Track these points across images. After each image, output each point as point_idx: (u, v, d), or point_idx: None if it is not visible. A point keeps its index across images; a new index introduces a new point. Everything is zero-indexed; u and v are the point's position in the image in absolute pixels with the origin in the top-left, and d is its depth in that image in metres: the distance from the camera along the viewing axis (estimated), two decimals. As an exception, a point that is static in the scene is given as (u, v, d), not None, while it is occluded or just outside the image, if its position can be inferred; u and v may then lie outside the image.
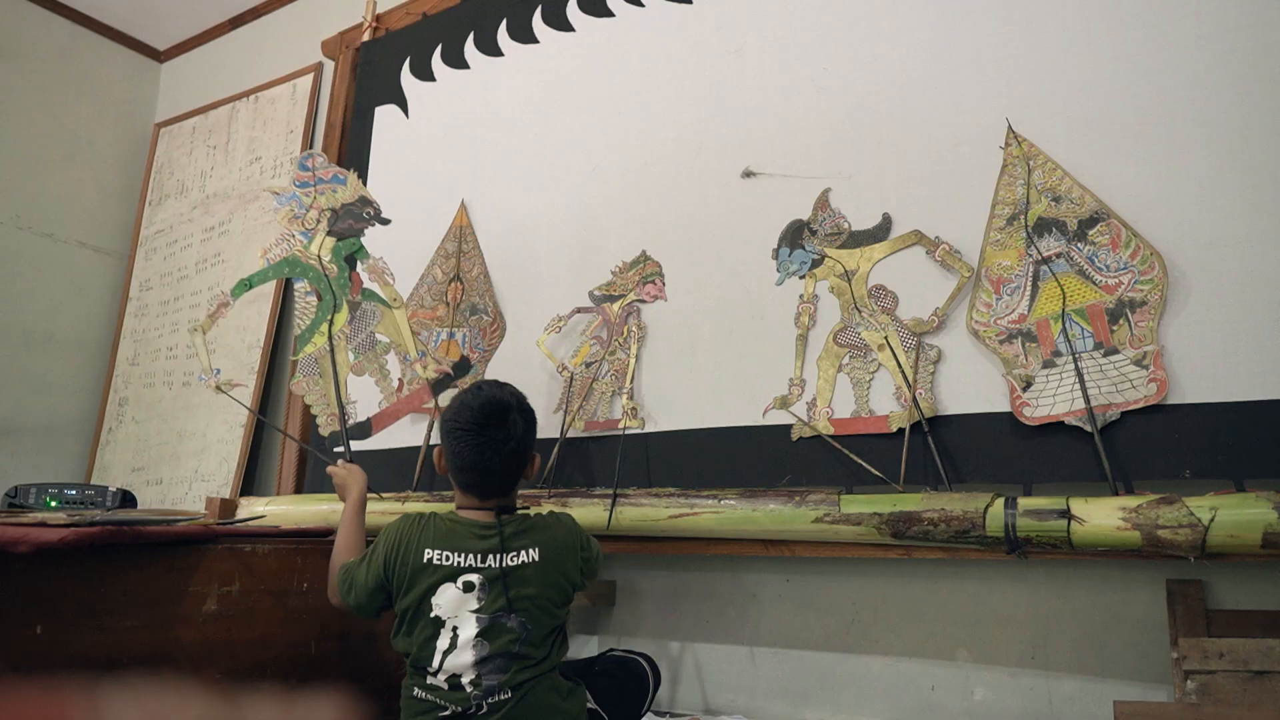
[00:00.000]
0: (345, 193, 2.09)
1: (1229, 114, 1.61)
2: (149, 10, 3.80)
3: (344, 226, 2.06)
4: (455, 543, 1.46)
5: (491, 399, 1.51)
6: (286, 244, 2.02)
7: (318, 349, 2.02)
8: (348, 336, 2.10)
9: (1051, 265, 1.71)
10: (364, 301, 2.16)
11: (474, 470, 1.49)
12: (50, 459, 3.51)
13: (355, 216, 2.07)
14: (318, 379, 2.02)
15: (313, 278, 2.03)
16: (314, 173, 2.08)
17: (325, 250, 2.03)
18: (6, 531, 1.18)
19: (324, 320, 2.02)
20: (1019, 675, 1.78)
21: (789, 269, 2.02)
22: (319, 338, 2.01)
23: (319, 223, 2.03)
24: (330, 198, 2.08)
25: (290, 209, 2.03)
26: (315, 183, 2.06)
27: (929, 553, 1.70)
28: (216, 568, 1.53)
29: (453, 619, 1.43)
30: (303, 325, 2.05)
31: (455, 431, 1.50)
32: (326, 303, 2.04)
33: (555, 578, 1.49)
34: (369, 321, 2.18)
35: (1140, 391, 1.58)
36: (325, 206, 2.04)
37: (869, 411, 1.85)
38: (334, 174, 2.11)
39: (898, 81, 1.97)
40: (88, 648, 1.35)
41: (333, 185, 2.10)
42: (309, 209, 2.04)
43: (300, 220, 2.03)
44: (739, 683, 2.07)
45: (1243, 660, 1.46)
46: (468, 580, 1.44)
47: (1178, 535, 1.42)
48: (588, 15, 2.52)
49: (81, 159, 3.75)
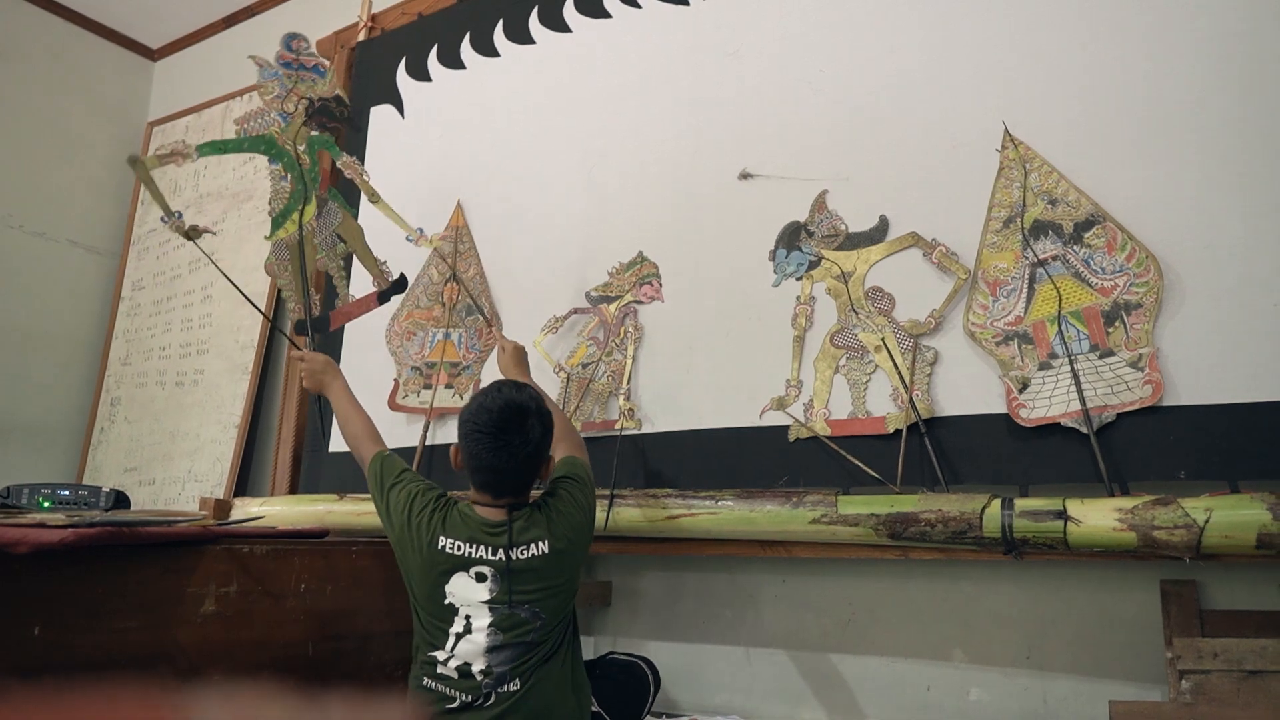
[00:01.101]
0: (323, 86, 2.07)
1: (1224, 118, 1.62)
2: (142, 9, 3.79)
3: (320, 123, 2.05)
4: (468, 534, 1.49)
5: (511, 402, 1.51)
6: (263, 120, 2.00)
7: (289, 235, 2.01)
8: (314, 231, 2.10)
9: (1048, 268, 1.72)
10: (330, 200, 2.16)
11: (490, 471, 1.51)
12: (41, 459, 3.49)
13: (329, 114, 2.05)
14: (288, 264, 2.02)
15: (287, 163, 2.02)
16: (298, 56, 2.05)
17: (300, 140, 2.01)
18: (6, 532, 1.18)
19: (295, 209, 2.01)
20: (1014, 675, 1.79)
21: (786, 270, 2.03)
22: (290, 225, 2.01)
23: (297, 108, 2.00)
24: (310, 87, 2.06)
25: (273, 87, 2.00)
26: (298, 67, 2.03)
27: (925, 553, 1.71)
28: (214, 569, 1.53)
29: (465, 607, 1.47)
30: (275, 209, 2.03)
31: (474, 434, 1.51)
32: (299, 192, 2.03)
33: (565, 565, 1.52)
34: (332, 220, 2.17)
35: (1135, 393, 1.59)
36: (304, 94, 2.02)
37: (866, 413, 1.85)
38: (315, 64, 2.08)
39: (895, 84, 1.98)
40: (86, 648, 1.34)
41: (314, 75, 2.07)
42: (289, 92, 2.01)
43: (280, 101, 2.00)
44: (735, 683, 2.08)
45: (1236, 660, 1.47)
46: (479, 571, 1.47)
47: (1173, 536, 1.43)
48: (584, 16, 2.52)
49: (74, 158, 3.74)
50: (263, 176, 3.34)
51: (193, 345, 3.32)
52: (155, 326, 3.48)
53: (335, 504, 2.42)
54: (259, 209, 3.30)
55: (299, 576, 1.68)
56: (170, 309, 3.45)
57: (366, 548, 1.82)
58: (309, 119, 2.02)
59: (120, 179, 3.85)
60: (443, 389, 2.45)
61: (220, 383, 3.16)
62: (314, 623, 1.69)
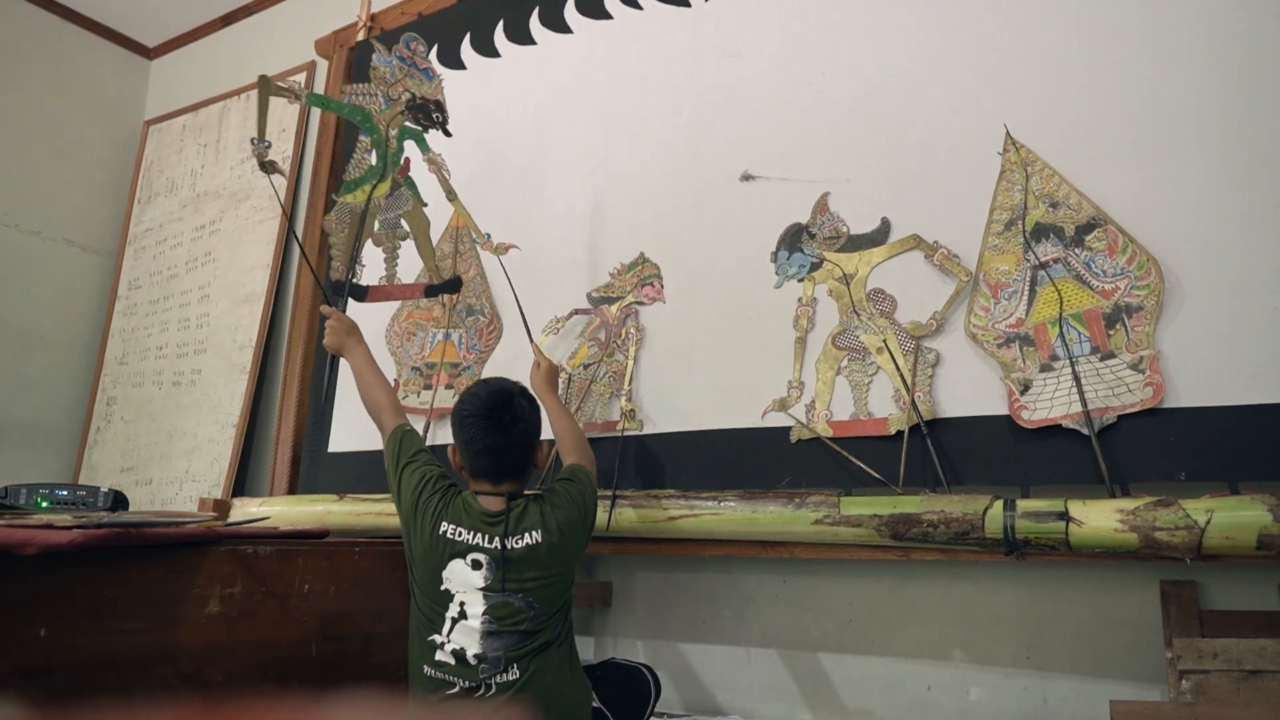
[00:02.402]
0: (428, 89, 2.21)
1: (1224, 121, 1.63)
2: (139, 7, 3.77)
3: (415, 117, 2.19)
4: (468, 521, 1.54)
5: (498, 388, 1.64)
6: (367, 98, 2.14)
7: (356, 202, 2.13)
8: (380, 208, 2.21)
9: (1049, 270, 1.73)
10: (404, 186, 2.26)
11: (486, 454, 1.58)
12: (37, 459, 3.47)
13: (426, 113, 2.18)
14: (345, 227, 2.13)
15: (375, 140, 2.15)
16: (414, 55, 2.20)
17: (394, 125, 2.15)
18: (13, 534, 1.18)
19: (369, 181, 2.14)
20: (1014, 675, 1.80)
21: (787, 272, 2.04)
22: (360, 194, 2.13)
23: (399, 98, 2.14)
24: (416, 84, 2.19)
25: (386, 72, 2.15)
26: (410, 64, 2.18)
27: (926, 554, 1.71)
28: (218, 569, 1.53)
29: (461, 593, 1.51)
30: (353, 176, 2.17)
31: (466, 419, 1.59)
32: (377, 168, 2.16)
33: (558, 559, 1.55)
34: (400, 205, 2.28)
35: (1136, 395, 1.60)
36: (409, 90, 2.16)
37: (868, 414, 1.86)
38: (426, 67, 2.23)
39: (896, 87, 1.99)
40: (91, 649, 1.34)
41: (423, 76, 2.22)
42: (397, 83, 2.15)
43: (388, 87, 2.14)
44: (736, 683, 2.08)
45: (1236, 660, 1.48)
46: (475, 558, 1.51)
47: (1174, 537, 1.44)
48: (586, 17, 2.52)
49: (69, 156, 3.72)
50: (259, 178, 3.33)
51: (190, 345, 3.31)
52: (152, 326, 3.47)
53: (335, 504, 2.41)
54: (256, 209, 3.30)
55: (302, 577, 1.68)
56: (167, 308, 3.44)
57: (369, 548, 1.82)
58: (407, 110, 2.15)
59: (116, 178, 3.84)
60: (443, 389, 2.45)
61: (218, 382, 3.15)
62: (317, 623, 1.69)
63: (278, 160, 3.22)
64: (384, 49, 2.19)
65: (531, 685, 1.48)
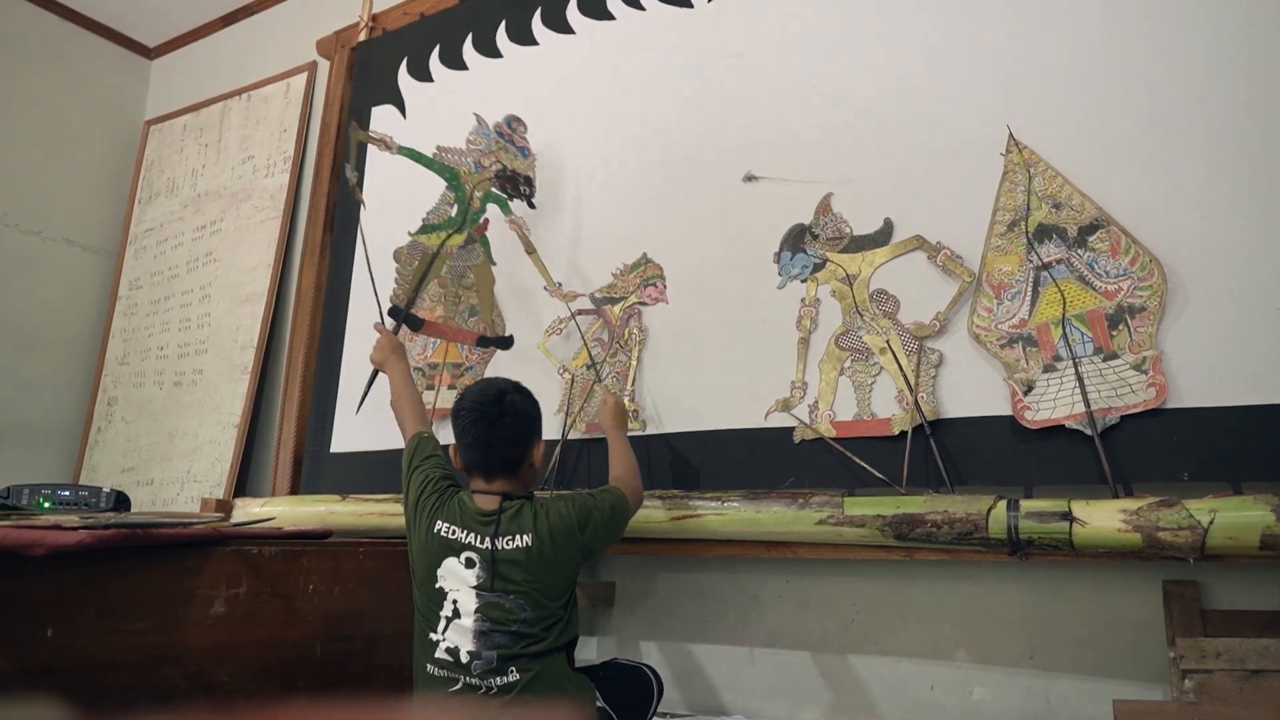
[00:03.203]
0: (521, 165, 2.37)
1: (1227, 123, 1.64)
2: (140, 7, 3.77)
3: (502, 185, 2.34)
4: (462, 520, 1.56)
5: (490, 384, 1.68)
6: (459, 158, 2.30)
7: (429, 243, 2.28)
8: (451, 256, 2.35)
9: (1052, 271, 1.73)
10: (478, 243, 2.42)
11: (476, 445, 1.60)
12: (37, 459, 3.47)
13: (515, 185, 2.35)
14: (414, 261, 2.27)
15: (459, 197, 2.31)
16: (514, 134, 2.37)
17: (480, 189, 2.31)
18: (22, 534, 1.18)
19: (446, 230, 2.29)
20: (1017, 675, 1.80)
21: (790, 272, 2.04)
22: (434, 238, 2.27)
23: (490, 167, 2.31)
24: (509, 158, 2.35)
25: (480, 141, 2.31)
26: (508, 141, 2.35)
27: (929, 554, 1.72)
28: (224, 570, 1.53)
29: (454, 592, 1.52)
30: (431, 221, 2.33)
31: (459, 413, 1.63)
32: (455, 220, 2.32)
33: (548, 566, 1.53)
34: (470, 258, 2.42)
35: (1139, 396, 1.60)
36: (501, 161, 2.33)
37: (871, 414, 1.86)
38: (523, 146, 2.39)
39: (899, 88, 2.00)
40: (97, 650, 1.34)
41: (519, 152, 2.37)
42: (490, 152, 2.32)
43: (480, 155, 2.31)
44: (739, 683, 2.09)
45: (1239, 659, 1.49)
46: (469, 557, 1.53)
47: (1178, 537, 1.45)
48: (588, 18, 2.53)
49: (70, 156, 3.72)
50: (262, 177, 3.34)
51: (191, 345, 3.31)
52: (153, 326, 3.47)
53: (338, 504, 2.42)
54: (257, 209, 3.30)
55: (307, 578, 1.68)
56: (168, 308, 3.44)
57: (373, 548, 1.83)
58: (495, 178, 2.32)
59: (116, 177, 3.84)
60: (445, 390, 2.46)
61: (219, 383, 3.15)
62: (322, 624, 1.69)
63: (283, 173, 3.25)
64: (483, 120, 2.33)
65: (533, 687, 1.47)
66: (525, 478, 1.64)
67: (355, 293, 2.81)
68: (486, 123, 2.33)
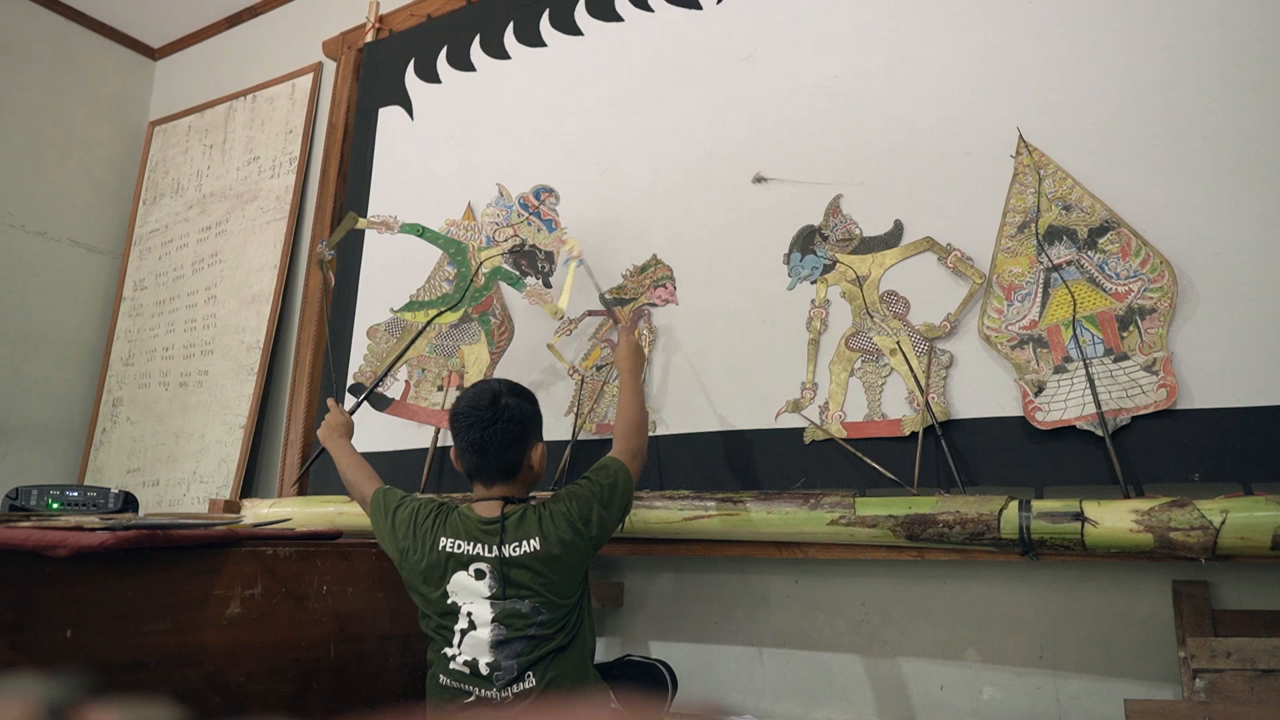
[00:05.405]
0: (543, 239, 2.19)
1: (1238, 124, 1.65)
2: (144, 8, 3.77)
3: (516, 261, 2.16)
4: (466, 533, 1.54)
5: (485, 387, 1.65)
6: (470, 232, 2.15)
7: (413, 320, 2.14)
8: (439, 334, 2.22)
9: (1062, 272, 1.74)
10: (476, 322, 2.28)
11: (471, 450, 1.58)
12: (42, 460, 3.47)
13: (532, 261, 2.16)
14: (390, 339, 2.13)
15: (461, 274, 2.17)
16: (540, 205, 2.21)
17: (489, 264, 2.14)
18: (46, 535, 1.18)
19: (437, 308, 2.14)
20: (1027, 675, 1.81)
21: (800, 274, 2.05)
22: (420, 315, 2.13)
23: (505, 242, 2.15)
24: (530, 232, 2.18)
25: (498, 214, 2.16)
26: (532, 212, 2.18)
27: (939, 554, 1.73)
28: (240, 571, 1.54)
29: (467, 604, 1.51)
30: (420, 297, 2.16)
31: (456, 417, 1.61)
32: (452, 297, 2.17)
33: (558, 566, 1.53)
34: (465, 337, 2.27)
35: (1150, 397, 1.61)
36: (520, 235, 2.15)
37: (881, 415, 1.87)
38: (550, 219, 2.24)
39: (909, 89, 2.00)
40: (115, 651, 1.35)
41: (544, 225, 2.22)
42: (509, 225, 2.16)
43: (496, 228, 2.16)
44: (748, 683, 2.09)
45: (1250, 659, 1.50)
46: (478, 568, 1.51)
47: (1189, 537, 1.46)
48: (596, 19, 2.53)
49: (75, 157, 3.72)
50: (267, 177, 3.34)
51: (196, 346, 3.31)
52: (158, 327, 3.47)
53: (346, 505, 2.42)
54: (263, 210, 3.30)
55: (321, 578, 1.69)
56: (174, 309, 3.44)
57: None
58: (509, 253, 2.14)
59: (121, 178, 3.84)
60: (454, 391, 2.46)
61: (225, 384, 3.15)
62: (336, 624, 1.70)
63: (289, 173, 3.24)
64: (505, 192, 2.21)
65: (552, 688, 1.48)
66: (525, 481, 1.62)
67: (362, 292, 2.81)
68: (510, 194, 2.19)
